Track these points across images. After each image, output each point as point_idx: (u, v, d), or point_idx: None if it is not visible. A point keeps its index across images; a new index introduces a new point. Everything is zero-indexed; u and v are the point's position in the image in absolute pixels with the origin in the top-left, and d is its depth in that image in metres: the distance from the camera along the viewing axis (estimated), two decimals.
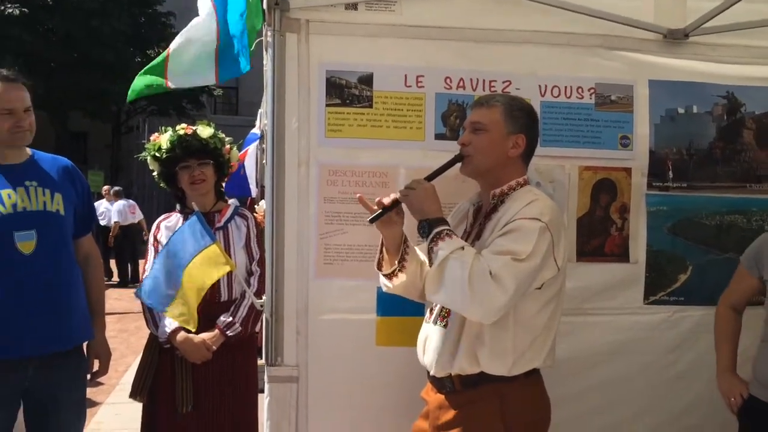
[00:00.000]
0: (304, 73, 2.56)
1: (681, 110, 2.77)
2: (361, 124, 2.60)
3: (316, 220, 2.57)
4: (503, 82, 2.66)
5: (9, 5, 18.91)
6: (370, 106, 2.60)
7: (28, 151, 2.61)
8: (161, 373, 2.87)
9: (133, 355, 7.04)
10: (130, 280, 13.13)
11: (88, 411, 5.04)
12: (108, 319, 2.82)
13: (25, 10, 19.05)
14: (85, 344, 2.72)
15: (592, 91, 2.71)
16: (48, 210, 2.52)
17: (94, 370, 2.77)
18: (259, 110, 8.24)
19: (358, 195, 2.19)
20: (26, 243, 2.45)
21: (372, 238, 2.29)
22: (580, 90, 2.70)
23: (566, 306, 2.15)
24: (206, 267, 2.65)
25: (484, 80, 2.65)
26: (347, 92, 2.59)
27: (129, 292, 12.34)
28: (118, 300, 11.26)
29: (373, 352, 2.56)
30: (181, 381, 2.82)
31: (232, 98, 28.84)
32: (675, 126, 2.77)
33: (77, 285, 2.62)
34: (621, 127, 2.74)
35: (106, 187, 13.94)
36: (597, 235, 2.73)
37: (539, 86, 2.68)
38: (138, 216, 13.26)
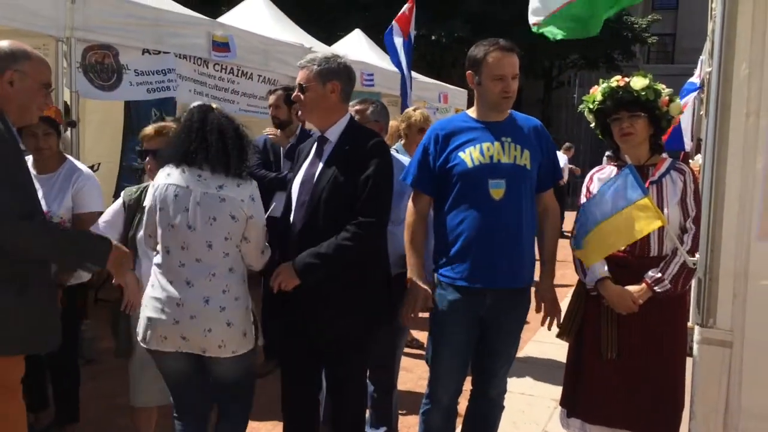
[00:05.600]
0: (760, 13, 2.30)
1: None
2: None
3: (765, 175, 2.32)
4: None
5: None
6: None
7: (509, 111, 2.95)
8: (587, 318, 2.99)
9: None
10: None
11: None
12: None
13: None
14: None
15: None
16: (517, 163, 2.84)
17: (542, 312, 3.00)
18: (700, 57, 7.63)
19: None
20: (497, 190, 2.81)
21: None
22: None
23: None
24: (636, 220, 2.66)
25: None
26: None
27: None
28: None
29: None
30: (606, 328, 2.90)
31: (667, 46, 27.14)
32: None
33: (532, 233, 2.91)
34: None
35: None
36: None
37: None
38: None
